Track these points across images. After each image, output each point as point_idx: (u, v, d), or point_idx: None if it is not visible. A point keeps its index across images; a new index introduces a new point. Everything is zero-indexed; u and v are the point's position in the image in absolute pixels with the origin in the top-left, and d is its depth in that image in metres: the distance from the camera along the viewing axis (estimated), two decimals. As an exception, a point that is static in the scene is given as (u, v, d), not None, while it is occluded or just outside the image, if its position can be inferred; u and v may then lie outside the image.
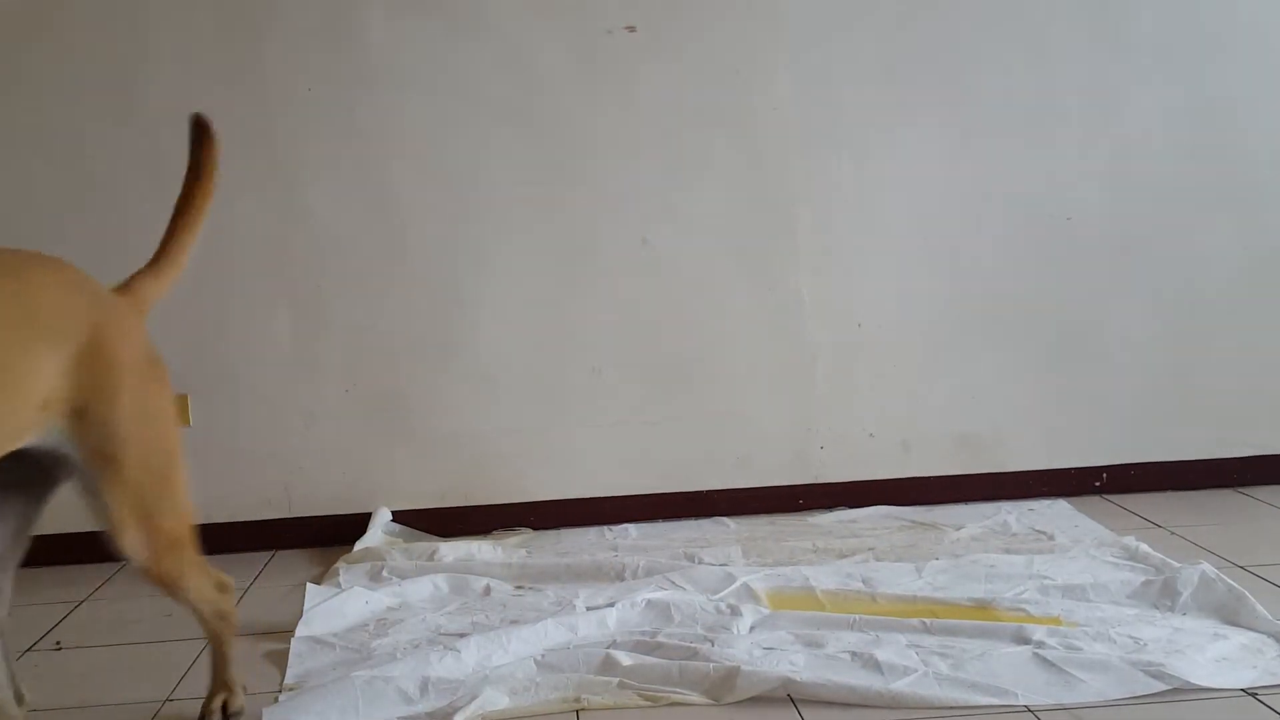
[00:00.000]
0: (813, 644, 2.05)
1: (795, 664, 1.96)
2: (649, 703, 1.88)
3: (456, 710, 1.84)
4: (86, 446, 1.60)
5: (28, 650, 2.30)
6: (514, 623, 2.21)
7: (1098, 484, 3.06)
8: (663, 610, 2.25)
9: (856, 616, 2.17)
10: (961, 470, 3.05)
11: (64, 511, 2.90)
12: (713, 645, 2.05)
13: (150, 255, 1.87)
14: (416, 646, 2.13)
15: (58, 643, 2.36)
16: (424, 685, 1.92)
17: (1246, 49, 3.01)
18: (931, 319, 3.03)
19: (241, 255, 2.91)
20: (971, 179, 3.01)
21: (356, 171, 2.93)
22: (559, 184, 2.96)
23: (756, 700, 1.87)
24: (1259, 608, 2.09)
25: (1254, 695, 1.80)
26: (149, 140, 2.87)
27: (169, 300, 2.86)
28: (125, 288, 1.76)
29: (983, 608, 2.21)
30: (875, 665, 1.94)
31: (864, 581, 2.40)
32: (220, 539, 2.94)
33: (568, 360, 2.99)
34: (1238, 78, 3.01)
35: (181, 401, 2.91)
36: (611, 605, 2.26)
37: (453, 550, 2.75)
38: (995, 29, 2.98)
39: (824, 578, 2.43)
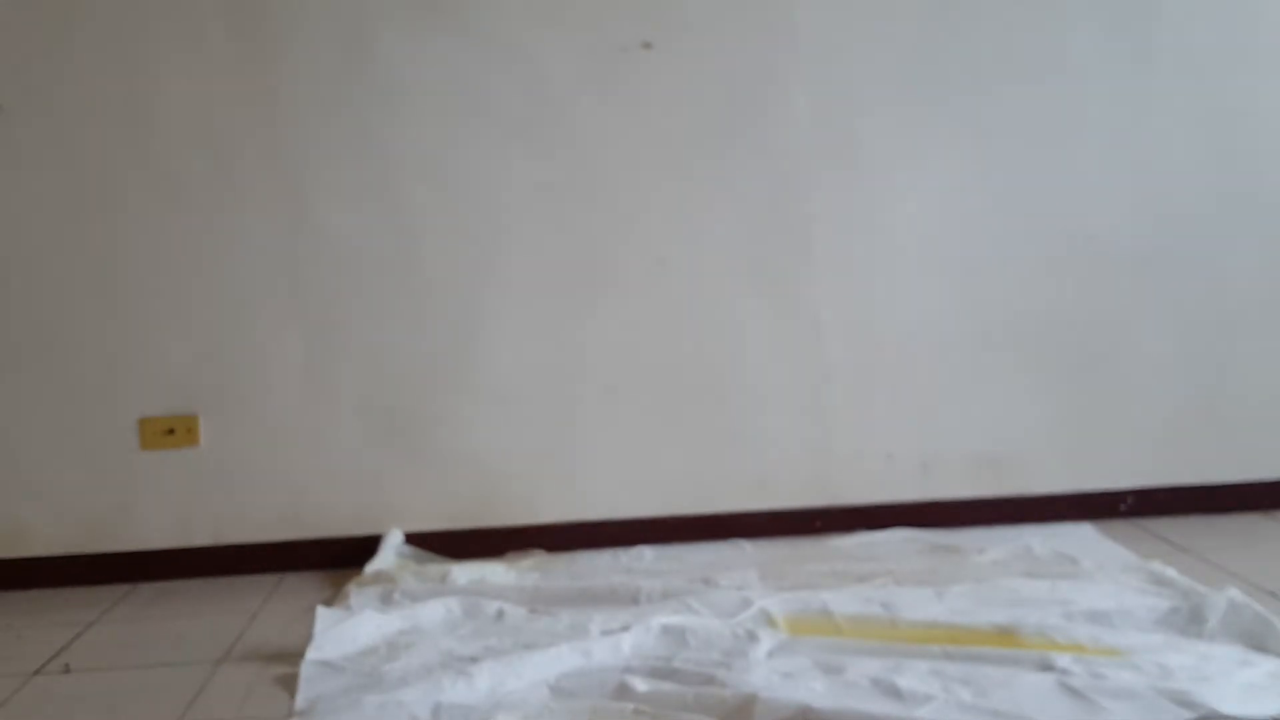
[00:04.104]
0: (832, 670, 2.00)
1: (814, 690, 1.91)
2: (664, 730, 1.84)
3: (468, 737, 1.81)
4: None
5: (35, 673, 2.28)
6: (527, 647, 2.18)
7: (1123, 507, 3.01)
8: (678, 635, 2.21)
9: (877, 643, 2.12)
10: (983, 493, 3.01)
11: (72, 533, 2.91)
12: (730, 671, 2.01)
13: (157, 269, 1.85)
14: (429, 671, 2.09)
15: (66, 665, 2.33)
16: (436, 710, 1.89)
17: (1271, 62, 2.98)
18: (951, 338, 2.99)
19: (253, 274, 2.90)
20: (992, 196, 2.97)
21: (370, 189, 2.92)
22: (574, 202, 2.94)
23: (774, 728, 1.83)
24: (1289, 634, 2.05)
25: (1283, 723, 1.76)
26: (164, 158, 2.86)
27: (180, 319, 2.88)
28: None
29: (1006, 634, 2.16)
30: (896, 692, 1.89)
31: (884, 606, 2.35)
32: (230, 560, 2.93)
33: (582, 380, 2.96)
34: (1262, 91, 2.98)
35: (192, 421, 2.89)
36: (626, 630, 2.22)
37: (465, 573, 2.71)
38: (1015, 45, 2.95)
39: (843, 602, 2.38)
